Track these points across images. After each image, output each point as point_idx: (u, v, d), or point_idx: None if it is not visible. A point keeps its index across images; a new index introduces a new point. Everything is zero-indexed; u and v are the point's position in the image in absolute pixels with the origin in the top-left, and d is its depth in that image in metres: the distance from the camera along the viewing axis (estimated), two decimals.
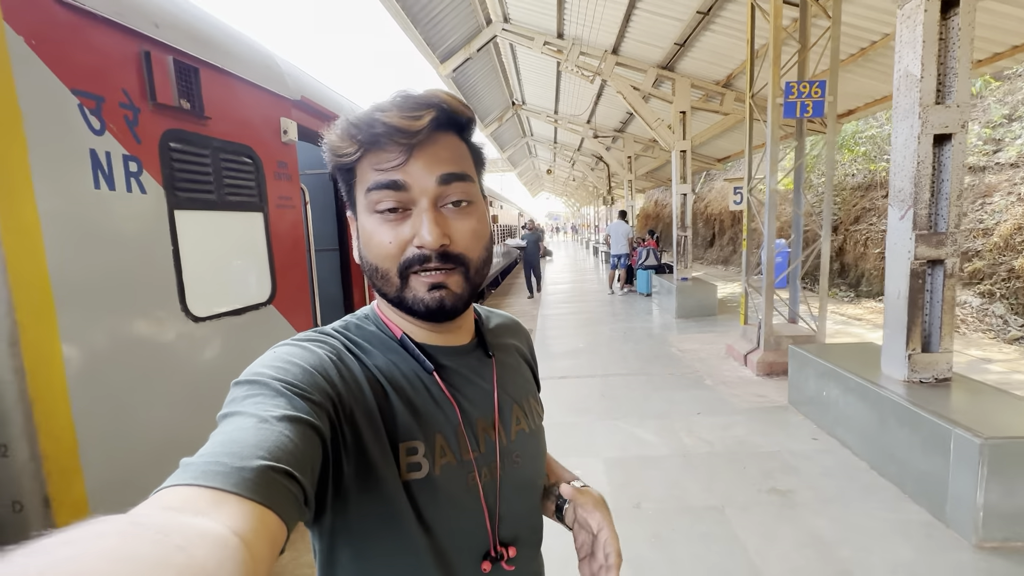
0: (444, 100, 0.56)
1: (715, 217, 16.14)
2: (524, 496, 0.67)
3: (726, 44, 6.34)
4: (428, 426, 0.58)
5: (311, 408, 0.47)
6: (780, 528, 2.40)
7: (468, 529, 0.60)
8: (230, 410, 0.45)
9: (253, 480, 0.37)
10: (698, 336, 6.32)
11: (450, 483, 0.58)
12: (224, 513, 0.34)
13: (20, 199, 1.52)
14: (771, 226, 4.60)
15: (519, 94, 12.58)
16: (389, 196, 0.55)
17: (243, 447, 0.39)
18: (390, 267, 0.56)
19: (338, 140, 0.56)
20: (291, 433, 0.42)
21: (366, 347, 0.60)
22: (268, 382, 0.47)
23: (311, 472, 0.44)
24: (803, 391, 3.71)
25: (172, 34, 2.11)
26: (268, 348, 0.58)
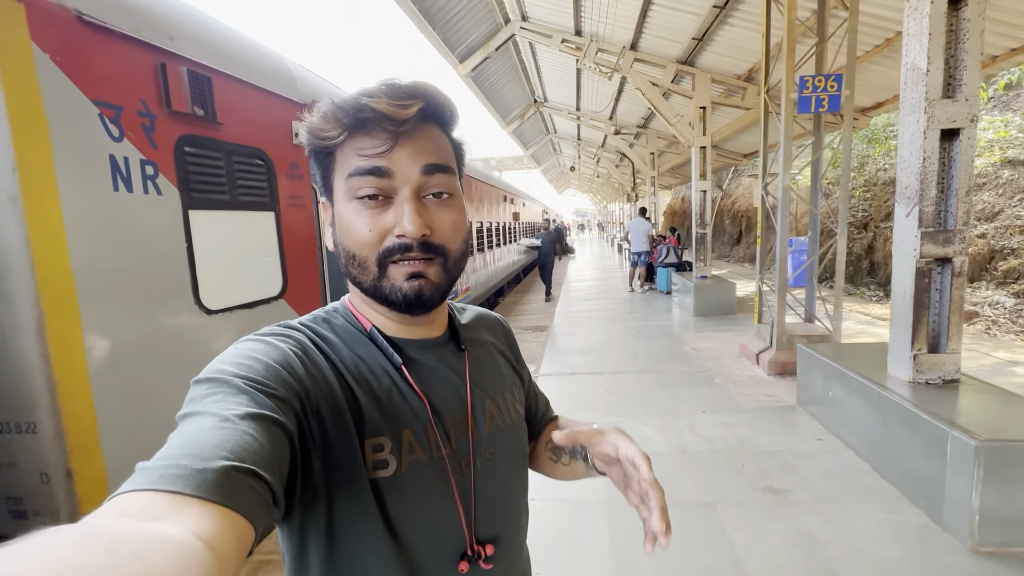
0: (431, 92, 0.56)
1: (742, 214, 15.78)
2: (502, 492, 0.65)
3: (746, 37, 6.23)
4: (395, 422, 0.56)
5: (275, 404, 0.45)
6: (770, 526, 2.41)
7: (442, 528, 0.58)
8: (189, 410, 0.43)
9: (215, 481, 0.35)
10: (713, 335, 6.25)
11: (419, 481, 0.56)
12: (186, 517, 0.32)
13: (46, 201, 1.69)
14: (784, 224, 4.52)
15: (540, 91, 12.59)
16: (371, 183, 0.54)
17: (204, 448, 0.37)
18: (368, 255, 0.56)
19: (321, 122, 0.54)
20: (255, 431, 0.41)
21: (333, 340, 0.58)
22: (229, 379, 0.45)
23: (278, 470, 0.42)
24: (811, 391, 3.65)
25: (186, 45, 2.26)
26: None
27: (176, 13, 2.30)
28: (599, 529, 2.47)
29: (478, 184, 8.77)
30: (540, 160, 25.17)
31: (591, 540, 2.39)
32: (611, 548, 2.32)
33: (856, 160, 10.58)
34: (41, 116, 1.68)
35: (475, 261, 8.42)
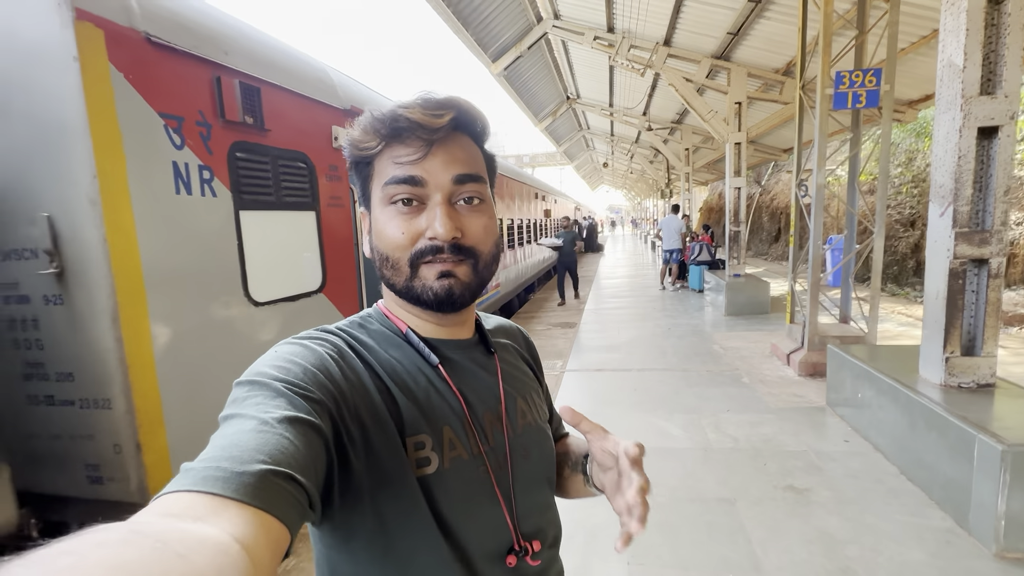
0: (463, 105, 0.59)
1: (781, 211, 15.30)
2: (539, 490, 0.67)
3: (783, 31, 6.08)
4: (434, 420, 0.58)
5: (312, 408, 0.47)
6: (789, 523, 2.43)
7: (488, 524, 0.59)
8: (231, 412, 0.45)
9: (254, 485, 0.36)
10: (744, 334, 6.17)
11: (462, 477, 0.58)
12: (224, 519, 0.34)
13: (120, 204, 1.90)
14: (818, 222, 4.43)
15: (573, 88, 12.58)
16: (405, 190, 0.57)
17: (243, 451, 0.39)
18: (401, 256, 0.58)
19: (361, 134, 0.58)
20: (292, 435, 0.42)
21: (369, 343, 0.60)
22: (268, 382, 0.47)
23: (315, 474, 0.43)
24: (840, 392, 3.60)
25: (238, 59, 2.47)
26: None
27: (229, 29, 2.50)
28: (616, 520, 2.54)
29: (508, 181, 8.89)
30: (573, 156, 25.06)
31: (608, 529, 2.48)
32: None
33: (904, 155, 10.11)
34: (116, 128, 1.90)
35: (505, 258, 8.55)
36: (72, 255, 1.89)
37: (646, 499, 0.53)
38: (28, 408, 2.05)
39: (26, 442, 2.07)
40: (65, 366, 1.99)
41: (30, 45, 1.81)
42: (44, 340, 1.99)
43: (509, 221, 8.94)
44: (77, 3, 1.77)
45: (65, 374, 1.99)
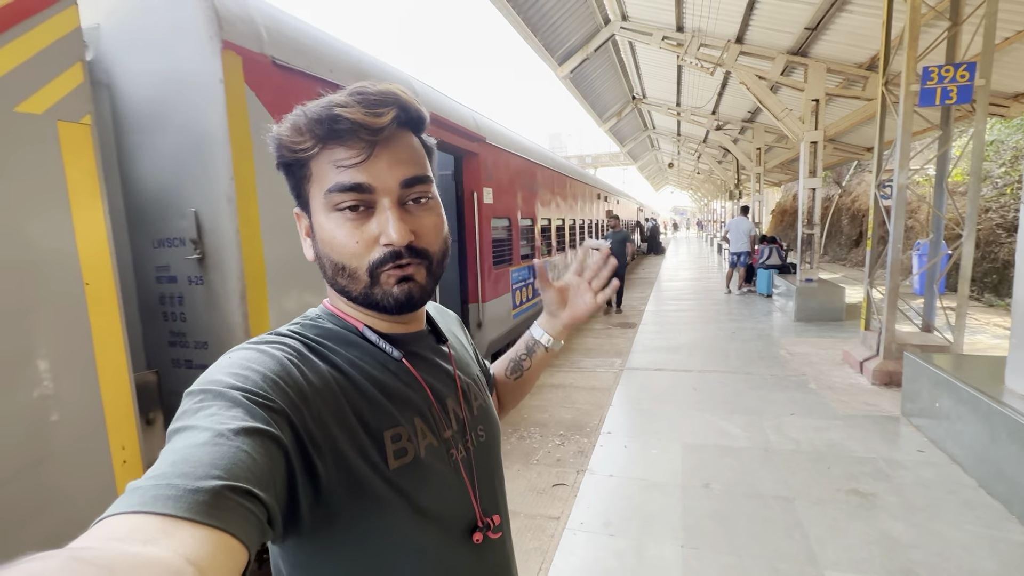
0: (402, 97, 0.56)
1: (863, 213, 14.29)
2: (492, 466, 0.71)
3: (868, 24, 5.79)
4: (406, 411, 0.58)
5: (271, 417, 0.45)
6: (850, 524, 2.43)
7: (457, 505, 0.62)
8: (182, 424, 0.42)
9: (208, 502, 0.35)
10: (814, 340, 5.94)
11: (435, 463, 0.59)
12: (176, 540, 0.32)
13: (249, 201, 2.28)
14: (899, 225, 4.23)
15: (639, 88, 12.47)
16: (352, 197, 0.54)
17: (196, 466, 0.37)
18: (358, 265, 0.56)
19: (292, 134, 0.54)
20: (250, 448, 0.40)
21: (328, 344, 0.59)
22: (224, 391, 0.45)
23: (275, 488, 0.42)
24: (917, 402, 3.46)
25: (341, 75, 2.81)
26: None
27: (332, 49, 2.86)
28: (672, 507, 2.66)
29: (570, 181, 9.01)
30: (637, 157, 24.66)
31: (663, 515, 2.59)
32: (682, 524, 2.51)
33: (1009, 153, 9.19)
34: (248, 139, 2.27)
35: (567, 258, 8.68)
36: (212, 244, 2.28)
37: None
38: (172, 370, 2.49)
39: (167, 398, 2.51)
40: (201, 336, 2.39)
41: (187, 71, 2.21)
42: (187, 314, 2.41)
43: (571, 221, 9.06)
44: (224, 36, 2.15)
45: (201, 343, 2.40)
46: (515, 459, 3.32)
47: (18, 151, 1.52)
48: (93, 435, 1.69)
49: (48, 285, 1.59)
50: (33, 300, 1.55)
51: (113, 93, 2.38)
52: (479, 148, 4.78)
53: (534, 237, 6.79)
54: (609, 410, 4.09)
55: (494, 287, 5.43)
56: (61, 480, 1.58)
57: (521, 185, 6.18)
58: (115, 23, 2.36)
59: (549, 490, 2.91)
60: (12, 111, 1.51)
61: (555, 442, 3.56)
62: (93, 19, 2.31)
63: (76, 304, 1.67)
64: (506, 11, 6.57)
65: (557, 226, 8.06)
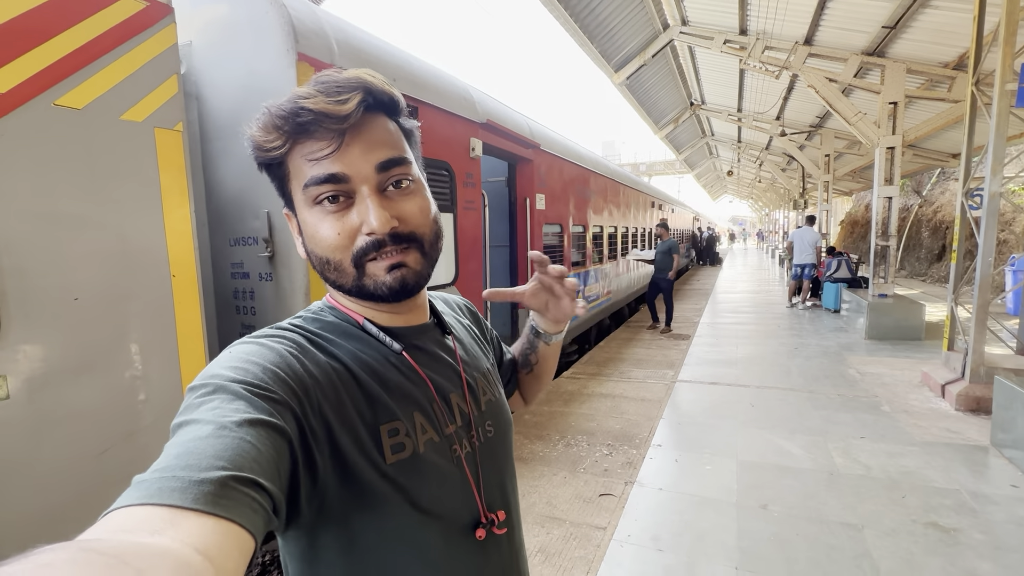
0: (368, 81, 0.54)
1: (946, 225, 13.14)
2: (502, 462, 0.69)
3: (954, 21, 5.37)
4: (405, 405, 0.57)
5: (274, 408, 0.45)
6: (927, 559, 2.23)
7: (458, 500, 0.61)
8: (185, 418, 0.42)
9: (213, 493, 0.35)
10: (888, 360, 5.50)
11: (435, 458, 0.58)
12: (183, 531, 0.32)
13: None
14: (990, 236, 3.86)
15: (697, 94, 12.14)
16: (329, 189, 0.53)
17: (201, 458, 0.37)
18: (342, 258, 0.55)
19: (262, 134, 0.53)
20: (253, 438, 0.40)
21: (328, 337, 0.58)
22: (225, 384, 0.45)
23: (279, 478, 0.42)
24: (1010, 431, 3.12)
25: (402, 84, 2.93)
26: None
27: (396, 59, 2.98)
28: (726, 527, 2.53)
29: (624, 189, 8.88)
30: (693, 164, 23.96)
31: (716, 534, 2.47)
32: (737, 545, 2.39)
33: None
34: None
35: (618, 266, 8.55)
36: (281, 242, 2.43)
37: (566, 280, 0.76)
38: None
39: None
40: None
41: (265, 81, 2.38)
42: (257, 308, 2.57)
43: (623, 229, 8.93)
44: (300, 48, 2.30)
45: None
46: (561, 466, 3.29)
47: (122, 154, 1.70)
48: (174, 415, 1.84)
49: (141, 276, 1.75)
50: (129, 289, 1.71)
51: (201, 104, 2.60)
52: (533, 155, 4.82)
53: (586, 244, 6.74)
54: (660, 422, 3.97)
55: None
56: (147, 453, 1.73)
57: (574, 192, 6.17)
58: (205, 40, 2.58)
59: (596, 499, 2.86)
60: (118, 119, 1.68)
61: (603, 451, 3.49)
62: (186, 36, 2.55)
63: (164, 295, 1.83)
64: (563, 20, 6.61)
65: (609, 234, 7.96)
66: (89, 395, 1.58)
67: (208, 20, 2.56)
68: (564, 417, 4.17)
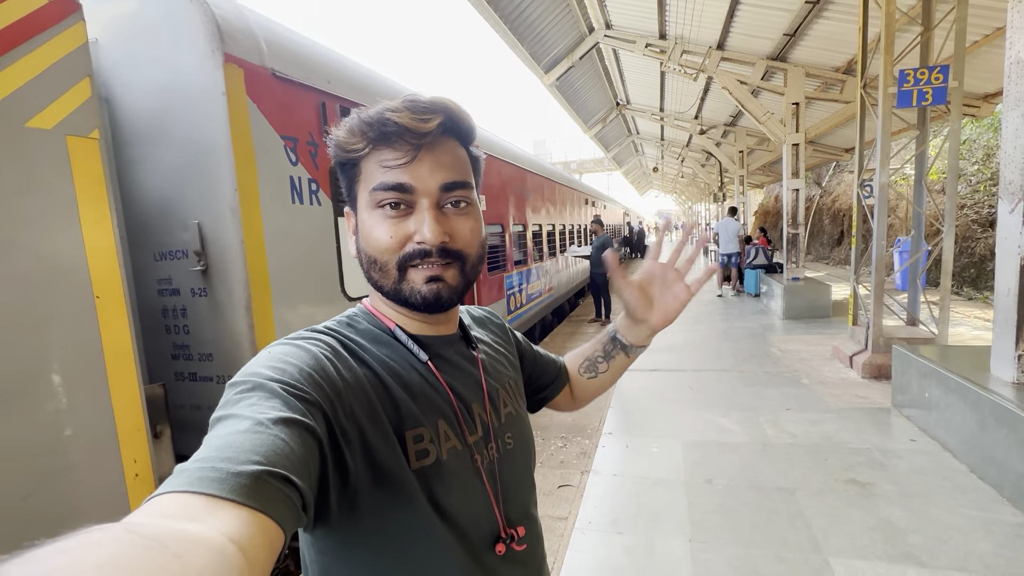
0: (451, 107, 0.59)
1: (844, 213, 14.63)
2: (521, 476, 0.70)
3: (843, 30, 5.99)
4: (430, 413, 0.59)
5: (307, 409, 0.47)
6: (850, 512, 2.50)
7: (479, 512, 0.61)
8: (225, 412, 0.44)
9: (249, 486, 0.37)
10: (803, 337, 6.07)
11: (458, 467, 0.59)
12: (219, 520, 0.34)
13: (253, 212, 2.29)
14: (881, 223, 4.37)
15: (623, 94, 12.67)
16: (393, 196, 0.57)
17: (239, 452, 0.39)
18: (389, 259, 0.59)
19: (348, 136, 0.58)
20: (287, 437, 0.42)
21: (360, 342, 0.60)
22: (263, 383, 0.47)
23: (309, 476, 0.44)
24: (907, 393, 3.56)
25: (339, 87, 2.84)
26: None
27: (331, 61, 2.89)
28: (677, 503, 2.70)
29: (558, 187, 9.11)
30: (621, 162, 24.95)
31: (669, 512, 2.63)
32: (688, 519, 2.55)
33: (981, 151, 9.52)
34: (251, 149, 2.29)
35: (557, 263, 8.75)
36: (215, 255, 2.28)
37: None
38: (175, 383, 2.47)
39: (174, 412, 2.49)
40: (206, 348, 2.39)
41: (188, 84, 2.22)
42: (190, 326, 2.40)
43: (561, 227, 9.15)
44: (227, 49, 2.17)
45: (206, 354, 2.39)
46: None
47: (29, 166, 1.53)
48: (106, 449, 1.68)
49: (61, 299, 1.59)
50: (47, 314, 1.54)
51: (112, 106, 2.38)
52: None
53: (526, 242, 6.85)
54: (608, 411, 4.14)
55: (489, 293, 5.47)
56: (77, 493, 1.58)
57: (512, 191, 6.24)
58: (112, 37, 2.37)
59: (555, 491, 2.94)
60: (23, 127, 1.52)
61: (557, 444, 3.59)
62: (91, 34, 2.32)
63: (88, 318, 1.67)
64: (493, 21, 6.66)
65: (548, 232, 8.13)
66: (6, 433, 1.42)
67: (114, 16, 2.35)
68: None
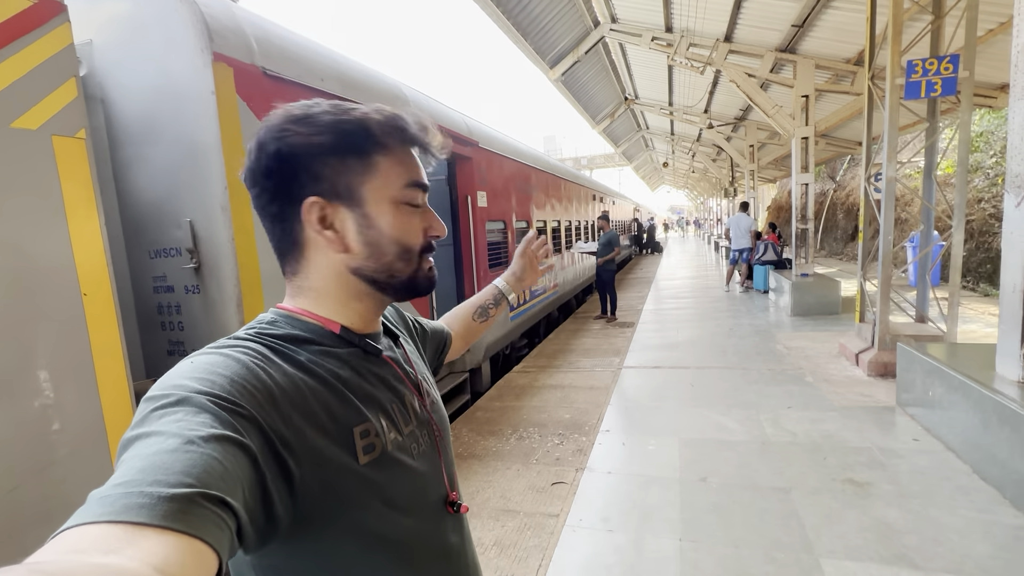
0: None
1: (857, 207, 14.33)
2: (449, 455, 0.76)
3: (853, 20, 5.85)
4: (372, 407, 0.60)
5: (239, 424, 0.44)
6: (845, 513, 2.46)
7: (430, 486, 0.67)
8: (146, 430, 0.41)
9: (180, 509, 0.34)
10: (810, 334, 5.97)
11: (401, 456, 0.62)
12: (142, 549, 0.31)
13: (243, 210, 2.31)
14: (889, 218, 4.28)
15: (631, 89, 12.55)
16: (420, 196, 0.65)
17: (168, 474, 0.36)
18: (414, 250, 0.65)
19: (388, 125, 0.61)
20: (220, 455, 0.40)
21: (288, 346, 0.59)
22: (190, 396, 0.44)
23: (244, 496, 0.41)
24: (911, 391, 3.49)
25: (332, 84, 2.85)
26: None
27: (324, 59, 2.90)
28: (670, 501, 2.68)
29: (565, 183, 9.06)
30: (631, 157, 24.74)
31: (661, 510, 2.61)
32: (680, 518, 2.53)
33: (997, 145, 9.26)
34: (241, 147, 2.30)
35: (563, 259, 8.72)
36: (207, 253, 2.31)
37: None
38: None
39: None
40: (199, 344, 2.40)
41: (179, 83, 2.25)
42: (184, 323, 2.44)
43: (567, 223, 9.11)
44: (215, 48, 2.19)
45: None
46: (515, 459, 3.34)
47: (14, 166, 1.56)
48: (94, 443, 1.71)
49: (47, 297, 1.62)
50: (32, 312, 1.58)
51: (107, 107, 2.41)
52: (472, 152, 4.82)
53: None
54: (607, 408, 4.12)
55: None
56: (64, 488, 1.61)
57: (516, 188, 6.22)
58: (107, 39, 2.40)
59: (548, 488, 2.93)
60: (8, 127, 1.54)
61: (554, 441, 3.58)
62: (85, 35, 2.35)
63: (75, 315, 1.70)
64: (495, 16, 6.63)
65: (553, 228, 8.10)
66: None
67: (109, 17, 2.38)
68: (516, 411, 4.23)
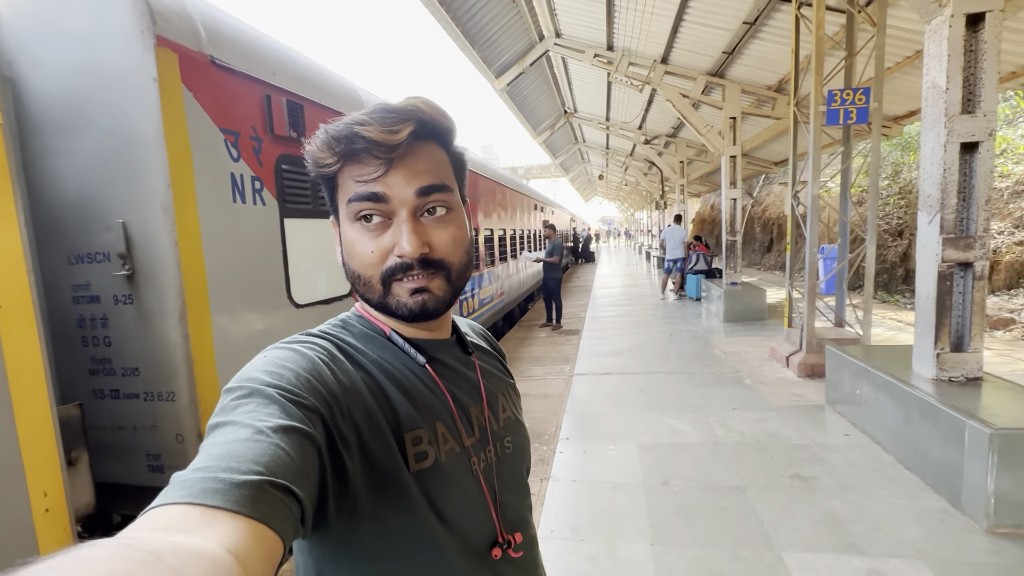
0: (423, 111, 0.57)
1: (773, 221, 15.69)
2: (517, 482, 0.70)
3: (776, 51, 6.41)
4: (428, 415, 0.59)
5: (306, 415, 0.46)
6: (797, 507, 2.62)
7: (476, 516, 0.61)
8: (223, 419, 0.44)
9: (250, 496, 0.36)
10: (743, 339, 6.40)
11: (456, 469, 0.59)
12: (217, 531, 0.33)
13: (189, 211, 2.08)
14: (814, 231, 4.69)
15: (571, 103, 12.92)
16: (369, 207, 0.56)
17: (240, 461, 0.38)
18: (372, 275, 0.58)
19: (318, 151, 0.56)
20: (287, 445, 0.42)
21: (356, 345, 0.60)
22: (261, 388, 0.46)
23: (308, 485, 0.43)
24: (839, 390, 3.82)
25: (285, 79, 2.67)
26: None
27: (276, 52, 2.71)
28: (637, 507, 2.72)
29: (510, 192, 9.12)
30: (568, 169, 25.46)
31: (629, 515, 2.65)
32: (648, 523, 2.58)
33: (890, 168, 10.52)
34: (187, 143, 2.08)
35: (508, 267, 8.75)
36: (144, 258, 2.06)
37: None
38: (93, 401, 2.20)
39: (92, 433, 2.22)
40: (131, 362, 2.14)
41: (113, 68, 1.99)
42: (112, 337, 2.15)
43: (512, 231, 9.16)
44: (159, 31, 1.96)
45: (131, 369, 2.15)
46: None
47: None
48: (10, 480, 1.45)
49: None
50: None
51: (17, 88, 2.10)
52: None
53: (478, 247, 6.78)
54: (564, 416, 4.14)
55: None
56: None
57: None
58: (17, 10, 2.09)
59: None
60: None
61: None
62: None
63: None
64: (445, 23, 6.57)
65: (499, 236, 8.11)
66: None
67: None
68: None
